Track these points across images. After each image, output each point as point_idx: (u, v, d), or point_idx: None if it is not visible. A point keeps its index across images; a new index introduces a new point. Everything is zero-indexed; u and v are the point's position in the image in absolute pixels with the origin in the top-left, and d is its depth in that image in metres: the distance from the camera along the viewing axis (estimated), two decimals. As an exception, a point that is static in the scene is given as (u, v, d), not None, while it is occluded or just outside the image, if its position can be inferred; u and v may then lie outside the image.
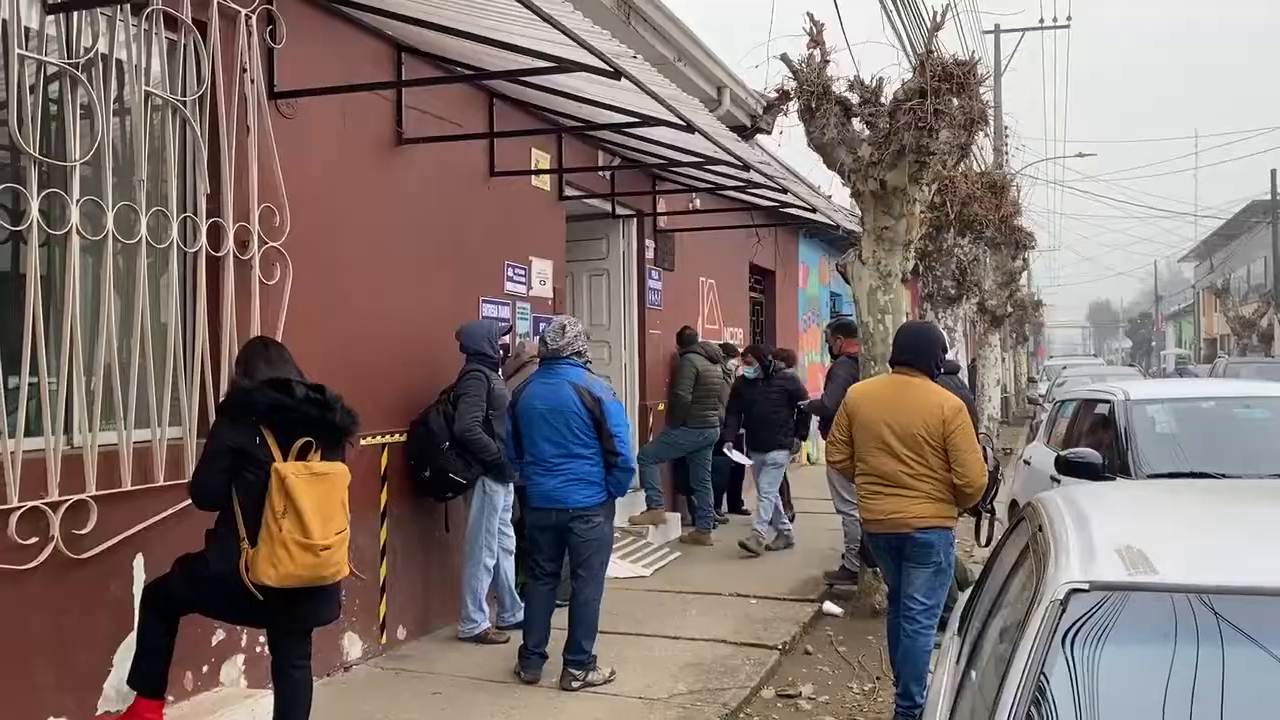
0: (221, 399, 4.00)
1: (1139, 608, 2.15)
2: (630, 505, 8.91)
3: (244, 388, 3.61)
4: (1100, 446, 6.01)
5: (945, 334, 8.38)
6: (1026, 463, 7.93)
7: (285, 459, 3.54)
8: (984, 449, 4.68)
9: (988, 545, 5.07)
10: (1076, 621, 2.12)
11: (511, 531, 5.97)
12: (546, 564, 5.19)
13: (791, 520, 9.93)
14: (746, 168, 7.28)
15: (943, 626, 4.37)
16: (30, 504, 3.70)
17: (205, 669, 4.47)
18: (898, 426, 4.57)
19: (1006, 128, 20.05)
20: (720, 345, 10.43)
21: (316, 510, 3.52)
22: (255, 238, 4.68)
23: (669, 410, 8.99)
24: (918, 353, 4.72)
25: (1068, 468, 5.74)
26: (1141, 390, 6.55)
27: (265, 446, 3.54)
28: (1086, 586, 2.19)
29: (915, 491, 4.55)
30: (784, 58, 6.87)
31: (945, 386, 4.88)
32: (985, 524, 4.94)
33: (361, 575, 4.26)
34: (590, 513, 5.05)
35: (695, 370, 8.95)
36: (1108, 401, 6.36)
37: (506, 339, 6.11)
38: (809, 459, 14.13)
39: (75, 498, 3.87)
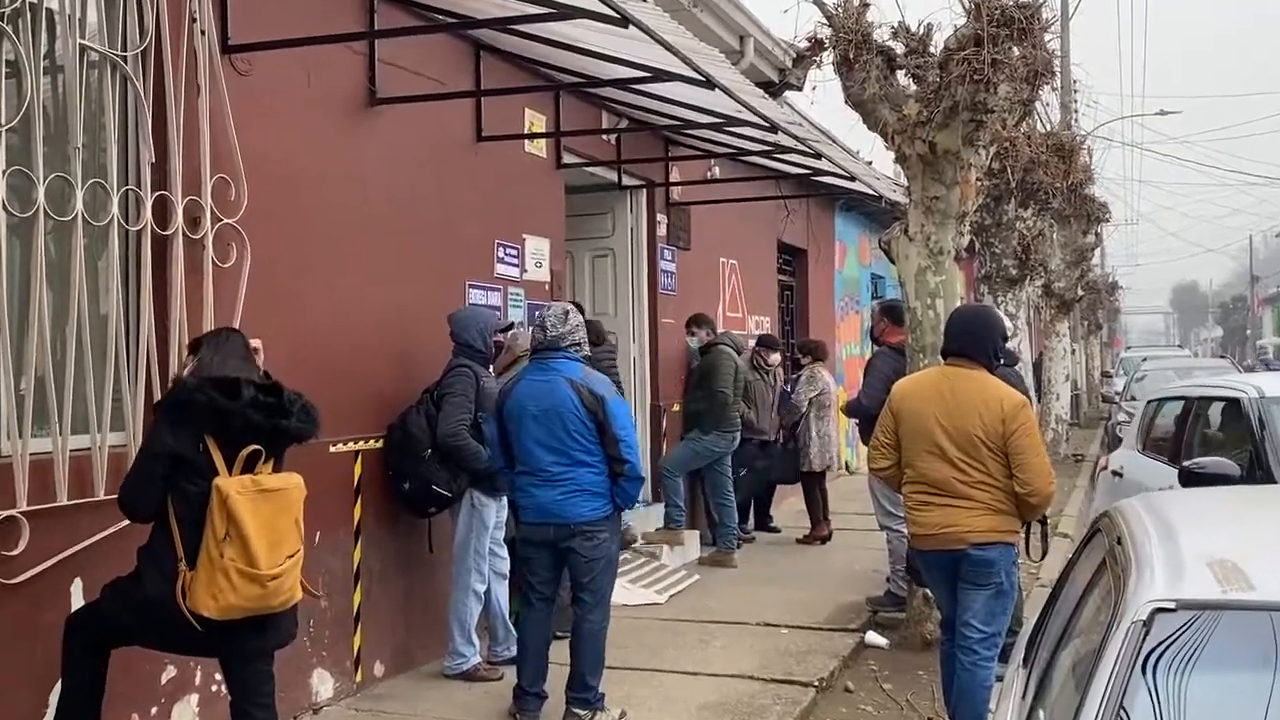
0: (160, 397, 4.02)
1: (1233, 629, 2.15)
2: (645, 522, 8.93)
3: (185, 385, 3.64)
4: (1221, 451, 5.91)
5: (1006, 321, 8.38)
6: (1116, 474, 7.75)
7: (230, 469, 3.57)
8: None
9: (1043, 559, 5.05)
10: (1161, 645, 2.13)
11: (505, 552, 5.99)
12: (541, 587, 5.19)
13: (828, 539, 9.93)
14: (774, 129, 7.28)
15: (1005, 657, 4.37)
16: (-47, 521, 3.74)
17: (154, 710, 4.49)
18: (951, 427, 4.57)
19: (1076, 81, 19.97)
20: (760, 337, 10.42)
21: (264, 534, 3.54)
22: (207, 214, 4.70)
23: (694, 414, 8.97)
24: (974, 340, 4.72)
25: (1194, 480, 5.54)
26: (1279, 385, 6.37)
27: (208, 454, 3.57)
28: (1173, 605, 2.19)
29: (971, 502, 4.55)
30: (817, 1, 6.86)
31: (1005, 379, 4.88)
32: (1037, 534, 4.91)
33: (317, 593, 4.28)
34: (595, 528, 5.05)
35: (734, 365, 8.96)
36: (1233, 399, 6.24)
37: (502, 337, 6.11)
38: (848, 468, 14.12)
39: (4, 514, 3.89)
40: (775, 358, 10.25)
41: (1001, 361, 4.97)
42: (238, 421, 3.58)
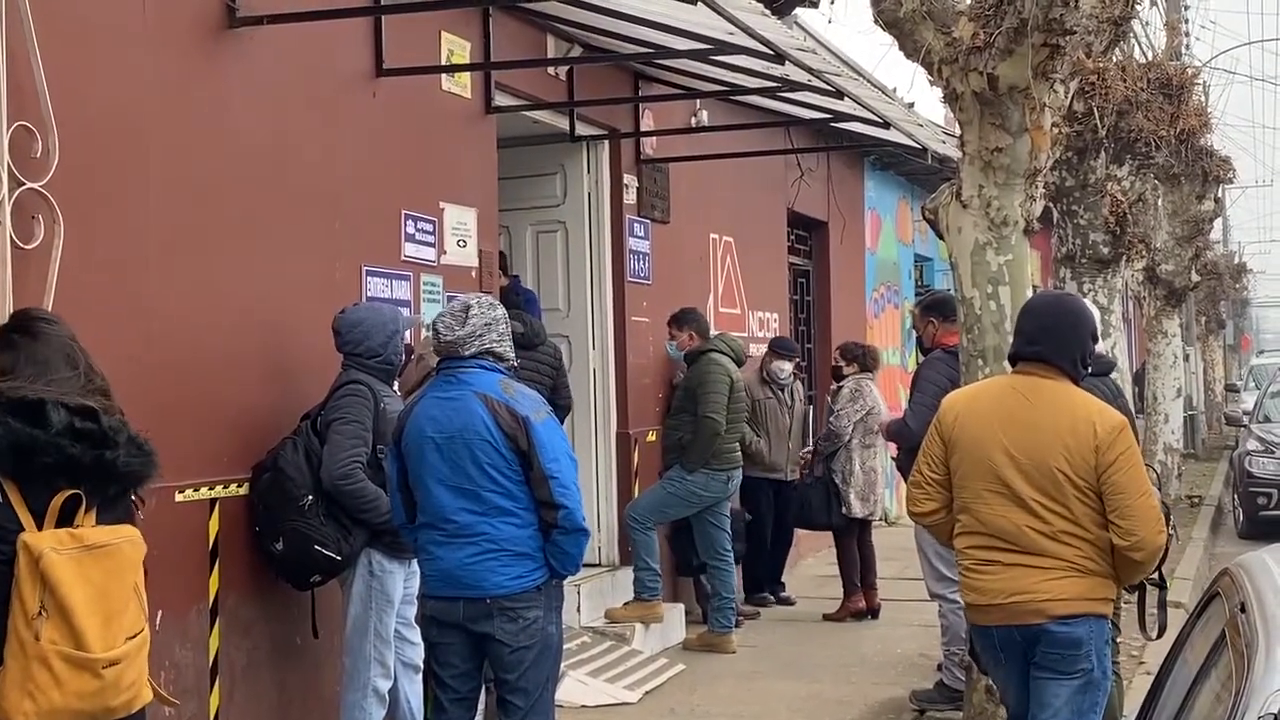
0: None
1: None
2: (611, 592, 8.91)
3: None
4: None
5: (1097, 313, 8.43)
6: None
7: (40, 525, 3.53)
8: None
9: (1159, 636, 5.07)
10: (1300, 750, 2.13)
11: (417, 636, 5.97)
12: (455, 683, 5.18)
13: (875, 614, 9.91)
14: (780, 59, 7.30)
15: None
16: None
17: None
18: (1023, 457, 4.58)
19: (1186, -6, 20.14)
20: (772, 340, 10.40)
21: (94, 605, 3.52)
22: (3, 176, 4.66)
23: (675, 445, 8.96)
24: (1055, 339, 4.73)
25: None
26: None
27: (8, 505, 3.54)
28: (1314, 694, 2.20)
29: (1052, 560, 4.56)
30: (835, -115, 6.89)
31: (1092, 393, 4.90)
32: (1152, 603, 4.93)
33: (174, 700, 4.25)
34: (521, 603, 5.01)
35: (729, 378, 8.96)
36: None
37: (409, 338, 6.11)
38: (886, 519, 14.15)
39: None
40: (787, 367, 10.25)
41: (1090, 370, 4.98)
42: (47, 458, 3.54)
